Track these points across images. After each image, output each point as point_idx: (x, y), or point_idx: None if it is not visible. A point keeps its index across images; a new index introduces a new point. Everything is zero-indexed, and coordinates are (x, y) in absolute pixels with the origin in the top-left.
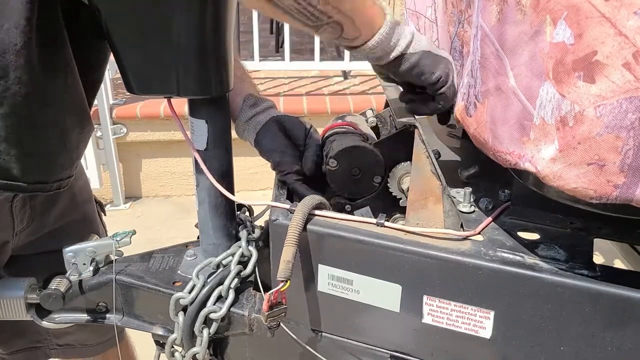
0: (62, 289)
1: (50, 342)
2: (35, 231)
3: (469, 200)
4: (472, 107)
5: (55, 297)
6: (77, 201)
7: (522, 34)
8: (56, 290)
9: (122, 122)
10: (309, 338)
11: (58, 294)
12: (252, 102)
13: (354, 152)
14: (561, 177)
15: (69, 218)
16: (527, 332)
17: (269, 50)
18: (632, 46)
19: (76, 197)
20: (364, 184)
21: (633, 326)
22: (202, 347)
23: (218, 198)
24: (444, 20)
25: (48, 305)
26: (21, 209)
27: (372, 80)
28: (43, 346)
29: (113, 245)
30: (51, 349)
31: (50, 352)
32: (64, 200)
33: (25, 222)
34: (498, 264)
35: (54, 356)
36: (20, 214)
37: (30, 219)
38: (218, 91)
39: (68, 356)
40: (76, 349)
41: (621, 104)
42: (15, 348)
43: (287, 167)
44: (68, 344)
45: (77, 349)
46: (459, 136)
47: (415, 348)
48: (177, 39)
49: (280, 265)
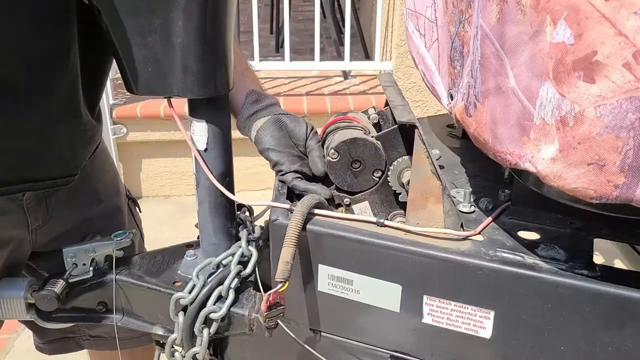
0: (57, 290)
1: (83, 333)
2: (57, 228)
3: (469, 200)
4: (472, 107)
5: (50, 298)
6: (101, 197)
7: (522, 34)
8: (51, 291)
9: (122, 122)
10: (309, 338)
11: (52, 295)
12: (254, 99)
13: (355, 144)
14: (561, 177)
15: (92, 213)
16: (527, 332)
17: (269, 50)
18: (632, 46)
19: (99, 193)
20: (363, 177)
21: (633, 326)
22: (202, 347)
23: (218, 198)
24: (444, 20)
25: (43, 306)
26: (36, 207)
27: (372, 80)
28: (76, 337)
29: (113, 245)
30: (84, 339)
31: (83, 342)
32: (85, 197)
33: (41, 220)
34: (498, 264)
35: (87, 347)
36: (35, 212)
37: (47, 216)
38: (218, 91)
39: (100, 347)
40: (107, 340)
41: (621, 104)
42: (50, 337)
43: (286, 166)
44: (100, 336)
45: (108, 341)
46: (459, 136)
47: (415, 348)
48: (177, 39)
49: (279, 266)
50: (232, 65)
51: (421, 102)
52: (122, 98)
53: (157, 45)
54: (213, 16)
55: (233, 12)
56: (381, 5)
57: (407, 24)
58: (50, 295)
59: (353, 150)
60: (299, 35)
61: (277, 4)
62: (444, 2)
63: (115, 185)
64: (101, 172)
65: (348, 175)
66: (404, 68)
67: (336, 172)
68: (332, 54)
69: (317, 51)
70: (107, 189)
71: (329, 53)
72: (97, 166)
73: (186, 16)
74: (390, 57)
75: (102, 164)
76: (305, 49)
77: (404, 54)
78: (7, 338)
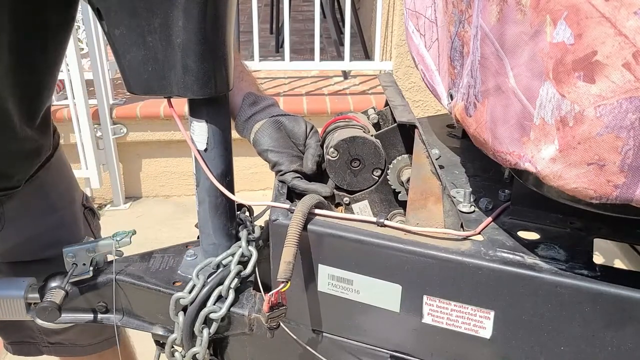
0: (57, 301)
1: (42, 340)
2: (11, 238)
3: (469, 200)
4: (472, 107)
5: (52, 309)
6: (55, 207)
7: (522, 34)
8: (52, 303)
9: (122, 122)
10: (309, 338)
11: (54, 307)
12: (251, 101)
13: (354, 142)
14: (561, 177)
15: (47, 223)
16: (527, 332)
17: (269, 50)
18: (632, 46)
19: (53, 203)
20: (363, 176)
21: (633, 326)
22: (202, 347)
23: (218, 198)
24: (444, 20)
25: (45, 318)
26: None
27: (372, 80)
28: (36, 342)
29: (113, 245)
30: (43, 346)
31: (42, 349)
32: (39, 206)
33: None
34: (498, 264)
35: (47, 353)
36: None
37: (0, 226)
38: (218, 91)
39: (60, 354)
40: (67, 347)
41: (621, 104)
42: (12, 339)
43: (285, 167)
44: (59, 343)
45: (69, 348)
46: (459, 136)
47: (415, 348)
48: (177, 39)
49: (281, 266)
50: (232, 65)
51: (421, 102)
52: (122, 98)
53: (157, 45)
54: (213, 16)
55: (233, 12)
56: (381, 5)
57: (407, 24)
58: (51, 307)
59: (352, 148)
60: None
61: (277, 4)
62: (444, 2)
63: (71, 194)
64: (56, 182)
65: (347, 174)
66: (404, 68)
67: (336, 171)
68: (332, 54)
69: (317, 51)
70: (61, 198)
71: (329, 53)
72: (51, 176)
73: (186, 16)
74: (390, 57)
75: (56, 174)
76: (305, 49)
77: (404, 54)
78: None
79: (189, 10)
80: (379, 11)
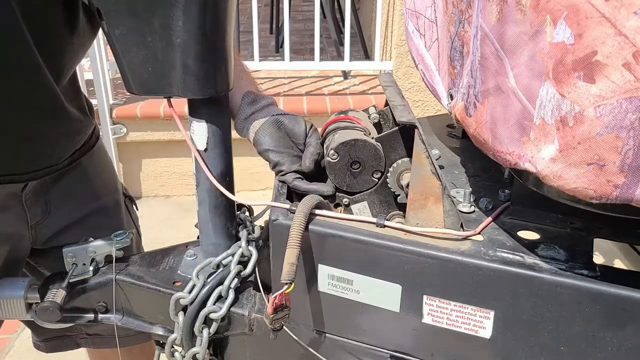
0: (58, 301)
1: (80, 331)
2: (56, 224)
3: (469, 200)
4: (472, 107)
5: (53, 310)
6: (99, 194)
7: (522, 34)
8: (53, 303)
9: (122, 122)
10: (309, 338)
11: (55, 307)
12: (250, 100)
13: (355, 145)
14: (561, 177)
15: (91, 209)
16: (527, 332)
17: (269, 50)
18: (632, 46)
19: (97, 190)
20: (363, 178)
21: (633, 326)
22: (202, 347)
23: (218, 198)
24: (444, 20)
25: (45, 318)
26: (34, 202)
27: (372, 80)
28: (73, 335)
29: (113, 245)
30: (81, 338)
31: (80, 341)
32: (83, 193)
33: (40, 216)
34: (498, 264)
35: (84, 345)
36: (34, 207)
37: (46, 212)
38: (218, 91)
39: (97, 345)
40: (105, 338)
41: (621, 104)
42: (48, 335)
43: (286, 167)
44: (97, 334)
45: (106, 339)
46: (459, 136)
47: (415, 348)
48: (177, 39)
49: (284, 268)
50: (232, 65)
51: (421, 102)
52: (122, 98)
53: (157, 45)
54: (213, 16)
55: (233, 12)
56: (381, 5)
57: (407, 24)
58: (52, 307)
59: (353, 151)
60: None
61: (277, 4)
62: (444, 2)
63: (114, 183)
64: (99, 170)
65: (347, 175)
66: (404, 68)
67: (335, 173)
68: (332, 54)
69: (317, 51)
70: (105, 186)
71: (328, 53)
72: (95, 163)
73: (186, 16)
74: (390, 57)
75: (99, 162)
76: (305, 49)
77: (404, 54)
78: (7, 338)
79: (189, 10)
80: (379, 11)
